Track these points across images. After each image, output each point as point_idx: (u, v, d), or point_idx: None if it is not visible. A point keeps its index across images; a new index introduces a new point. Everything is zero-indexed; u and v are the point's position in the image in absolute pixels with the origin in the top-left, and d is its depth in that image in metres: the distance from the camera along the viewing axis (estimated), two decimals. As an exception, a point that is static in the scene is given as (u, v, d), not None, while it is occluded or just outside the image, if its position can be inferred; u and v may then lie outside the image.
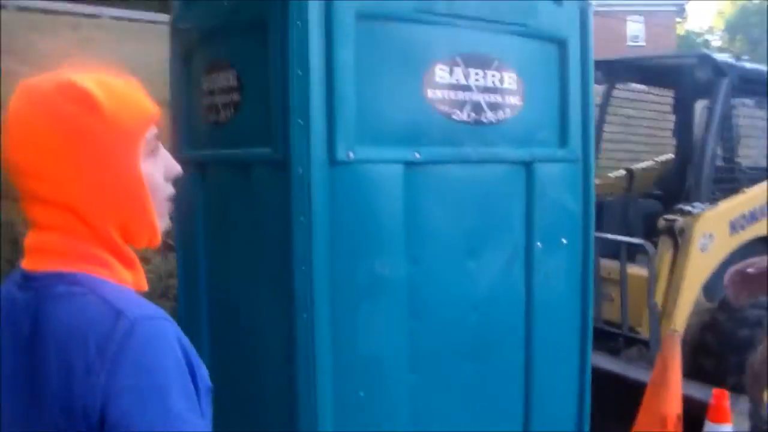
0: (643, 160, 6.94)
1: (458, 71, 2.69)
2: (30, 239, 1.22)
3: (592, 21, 3.24)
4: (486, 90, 2.76)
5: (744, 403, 3.98)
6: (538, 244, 2.95)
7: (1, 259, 5.29)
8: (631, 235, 5.41)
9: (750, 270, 2.19)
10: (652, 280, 4.82)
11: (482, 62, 2.75)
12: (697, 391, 4.10)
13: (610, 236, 5.13)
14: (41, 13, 20.16)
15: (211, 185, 3.01)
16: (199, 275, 3.13)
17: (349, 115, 2.44)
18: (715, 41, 68.96)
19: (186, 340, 1.15)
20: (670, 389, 3.68)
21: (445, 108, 2.66)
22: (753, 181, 5.87)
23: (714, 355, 5.09)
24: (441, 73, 2.65)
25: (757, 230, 5.66)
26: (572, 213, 3.11)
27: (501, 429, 2.90)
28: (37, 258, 1.19)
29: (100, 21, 20.45)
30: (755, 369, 3.66)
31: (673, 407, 3.68)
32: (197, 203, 3.12)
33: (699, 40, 68.54)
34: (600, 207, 6.12)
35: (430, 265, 2.65)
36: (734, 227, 5.40)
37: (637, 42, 46.56)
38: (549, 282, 3.00)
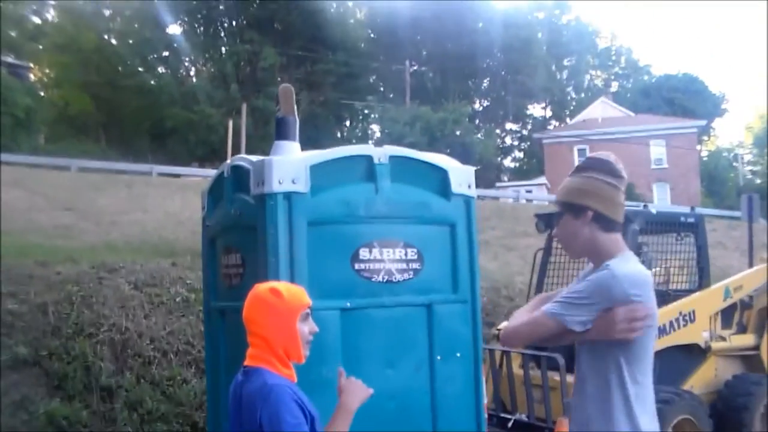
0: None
1: (375, 251, 4.38)
2: (249, 352, 2.90)
3: (475, 209, 4.85)
4: (395, 261, 4.44)
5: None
6: (438, 357, 4.55)
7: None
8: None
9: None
10: (564, 383, 6.30)
11: (392, 244, 4.44)
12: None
13: (531, 352, 6.69)
14: (99, 173, 22.51)
15: (228, 326, 4.69)
16: (221, 388, 4.78)
17: (304, 282, 4.10)
18: (747, 154, 70.22)
19: (300, 396, 2.80)
20: (560, 459, 5.18)
21: (367, 274, 4.34)
22: (666, 301, 7.40)
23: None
24: (363, 253, 4.34)
25: (668, 341, 7.17)
26: (464, 336, 4.70)
27: (415, 481, 4.44)
28: (249, 360, 2.88)
29: (150, 179, 22.75)
30: None
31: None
32: (220, 338, 4.84)
33: (729, 155, 70.08)
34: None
35: (359, 371, 4.20)
36: (642, 341, 6.89)
37: (661, 165, 48.14)
38: (448, 382, 4.58)
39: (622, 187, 2.88)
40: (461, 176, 4.80)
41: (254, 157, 4.51)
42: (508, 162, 66.51)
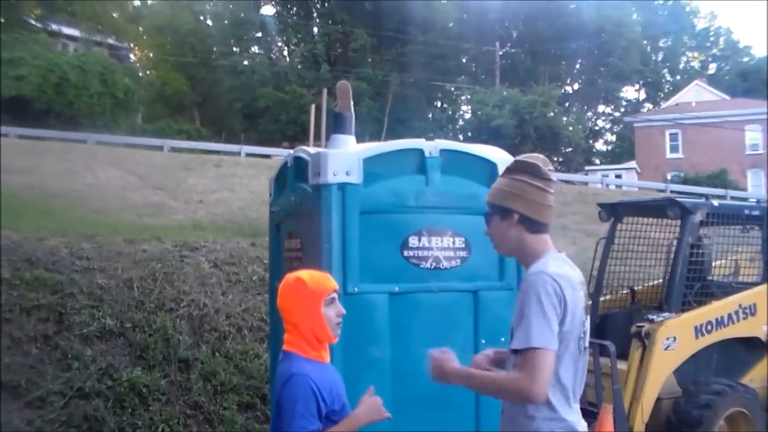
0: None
1: (424, 239, 4.66)
2: (285, 337, 3.19)
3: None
4: (442, 249, 4.71)
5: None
6: (483, 340, 4.81)
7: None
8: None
9: None
10: (614, 370, 6.46)
11: (440, 233, 4.71)
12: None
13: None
14: (190, 153, 23.37)
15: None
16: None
17: (355, 267, 4.45)
18: None
19: (315, 383, 3.02)
20: (604, 446, 5.37)
21: (415, 261, 4.63)
22: (727, 293, 7.45)
23: (675, 430, 6.64)
24: (412, 240, 4.63)
25: (726, 333, 7.21)
26: (509, 322, 4.93)
27: (459, 457, 4.72)
28: (285, 345, 3.17)
29: (238, 159, 23.44)
30: None
31: (606, 458, 5.36)
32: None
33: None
34: (606, 317, 7.84)
35: (406, 351, 4.57)
36: (699, 331, 6.98)
37: (756, 150, 46.68)
38: (492, 364, 4.83)
39: (550, 189, 3.02)
40: (510, 169, 5.01)
41: (313, 149, 4.84)
42: (599, 145, 65.63)
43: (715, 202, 7.66)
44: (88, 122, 30.40)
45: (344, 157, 4.54)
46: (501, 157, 5.06)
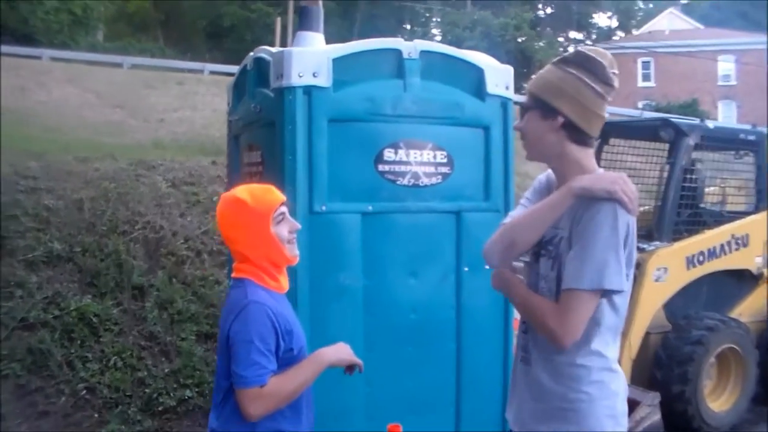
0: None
1: (401, 152, 4.10)
2: (234, 265, 2.68)
3: (512, 111, 4.47)
4: (422, 164, 4.16)
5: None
6: (465, 268, 4.29)
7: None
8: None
9: None
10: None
11: (419, 145, 4.15)
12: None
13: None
14: (152, 70, 22.46)
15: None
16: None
17: (322, 183, 3.89)
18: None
19: (275, 316, 2.53)
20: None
21: (391, 176, 4.07)
22: (719, 222, 7.01)
23: (664, 366, 6.24)
24: (388, 153, 4.06)
25: (718, 265, 6.79)
26: (493, 247, 4.42)
27: (436, 396, 4.24)
28: (235, 273, 2.66)
29: (201, 76, 22.59)
30: None
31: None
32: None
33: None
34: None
35: (380, 280, 4.05)
36: (692, 262, 6.54)
37: (728, 81, 46.42)
38: (475, 295, 4.32)
39: (608, 98, 2.45)
40: (498, 76, 4.44)
41: (276, 49, 4.22)
42: (570, 72, 64.86)
43: (710, 124, 7.17)
44: (45, 40, 29.14)
45: (311, 57, 3.93)
46: (490, 63, 4.50)
